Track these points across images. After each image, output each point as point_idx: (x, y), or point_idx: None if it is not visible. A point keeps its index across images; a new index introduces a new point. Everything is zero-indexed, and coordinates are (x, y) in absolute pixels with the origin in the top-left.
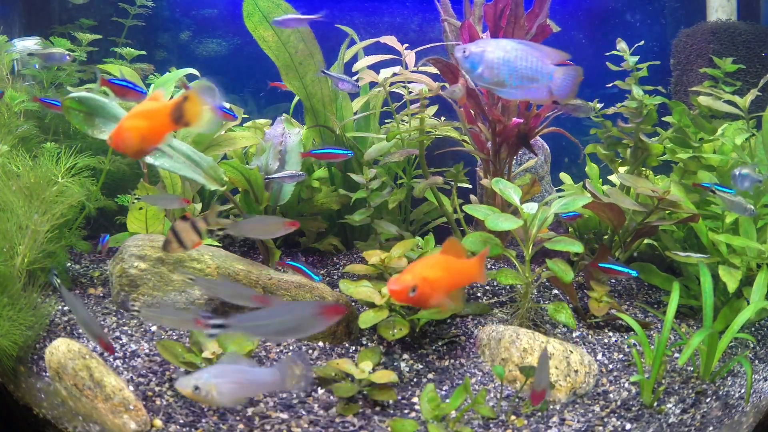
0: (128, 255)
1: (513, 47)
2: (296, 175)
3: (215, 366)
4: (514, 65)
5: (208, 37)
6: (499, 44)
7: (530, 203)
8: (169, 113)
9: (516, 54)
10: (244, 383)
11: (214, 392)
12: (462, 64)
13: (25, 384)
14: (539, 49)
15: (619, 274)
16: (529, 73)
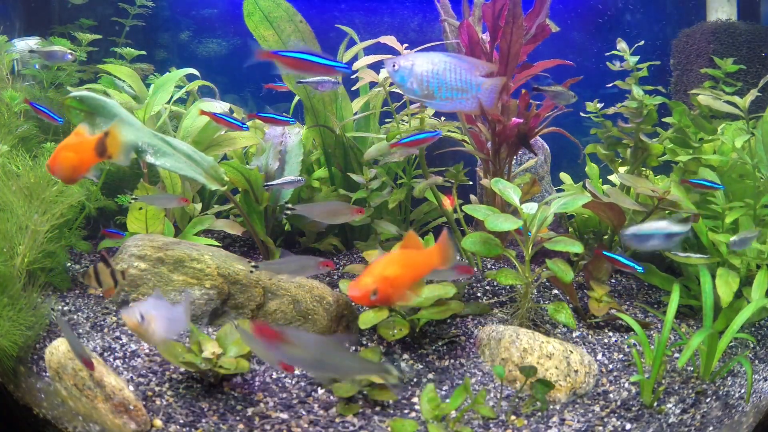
0: (128, 255)
1: (441, 60)
2: (295, 180)
3: (149, 301)
4: (443, 78)
5: (208, 37)
6: (428, 57)
7: (530, 203)
8: (93, 147)
9: (444, 66)
10: (171, 319)
11: (153, 324)
12: (392, 77)
13: (25, 384)
14: (467, 60)
15: (624, 267)
16: (458, 84)
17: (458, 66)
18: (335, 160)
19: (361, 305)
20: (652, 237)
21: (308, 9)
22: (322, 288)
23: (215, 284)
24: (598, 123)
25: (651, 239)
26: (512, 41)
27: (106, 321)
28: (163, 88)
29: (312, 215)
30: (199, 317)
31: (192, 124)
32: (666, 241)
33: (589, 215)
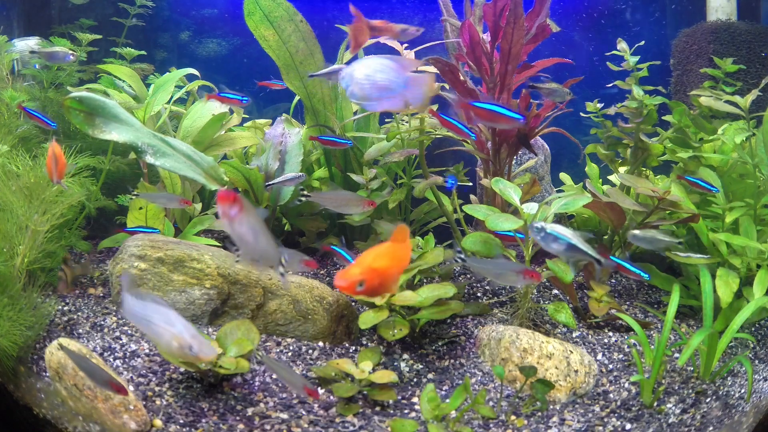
0: (128, 255)
1: (375, 62)
2: (296, 177)
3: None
4: (374, 79)
5: (208, 37)
6: (366, 61)
7: (530, 203)
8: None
9: (376, 68)
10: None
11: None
12: (341, 84)
13: (25, 384)
14: (397, 60)
15: (630, 273)
16: (386, 84)
17: (387, 66)
18: (335, 160)
19: (352, 297)
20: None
21: (308, 9)
22: (322, 288)
23: (215, 284)
24: (598, 123)
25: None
26: (513, 41)
27: (106, 321)
28: (163, 88)
29: (324, 203)
30: (199, 317)
31: (192, 124)
32: (567, 251)
33: (589, 215)
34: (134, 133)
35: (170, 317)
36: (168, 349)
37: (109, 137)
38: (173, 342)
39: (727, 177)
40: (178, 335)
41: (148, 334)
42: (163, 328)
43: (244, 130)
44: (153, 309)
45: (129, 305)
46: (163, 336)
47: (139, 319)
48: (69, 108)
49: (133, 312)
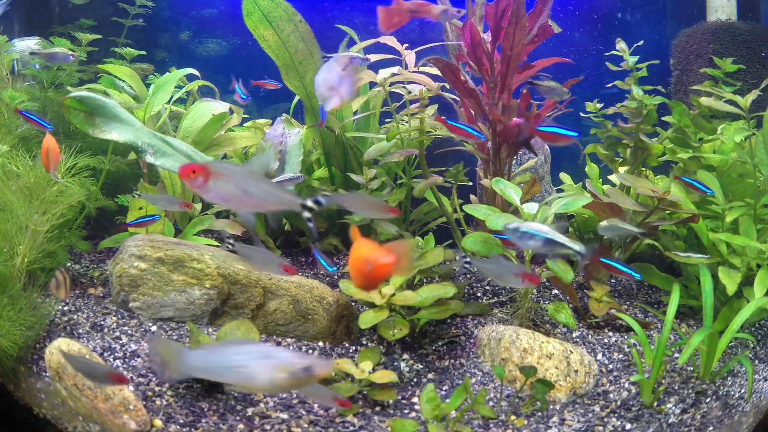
0: (128, 255)
1: (327, 65)
2: (294, 177)
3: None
4: (323, 79)
5: (208, 37)
6: (323, 66)
7: (530, 203)
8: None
9: (325, 70)
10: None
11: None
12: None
13: (25, 384)
14: (336, 58)
15: (621, 274)
16: (330, 83)
17: (330, 67)
18: (335, 160)
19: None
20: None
21: (308, 9)
22: (322, 288)
23: (215, 284)
24: (598, 123)
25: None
26: (515, 42)
27: (106, 321)
28: (163, 88)
29: (345, 205)
30: (199, 317)
31: (192, 124)
32: (544, 246)
33: (589, 215)
34: (134, 132)
35: (262, 350)
36: (271, 385)
37: (110, 137)
38: (279, 375)
39: (727, 177)
40: (284, 363)
41: (234, 381)
42: (258, 366)
43: (244, 130)
44: (234, 351)
45: (190, 361)
46: (262, 374)
47: (211, 370)
48: (69, 107)
49: (200, 366)
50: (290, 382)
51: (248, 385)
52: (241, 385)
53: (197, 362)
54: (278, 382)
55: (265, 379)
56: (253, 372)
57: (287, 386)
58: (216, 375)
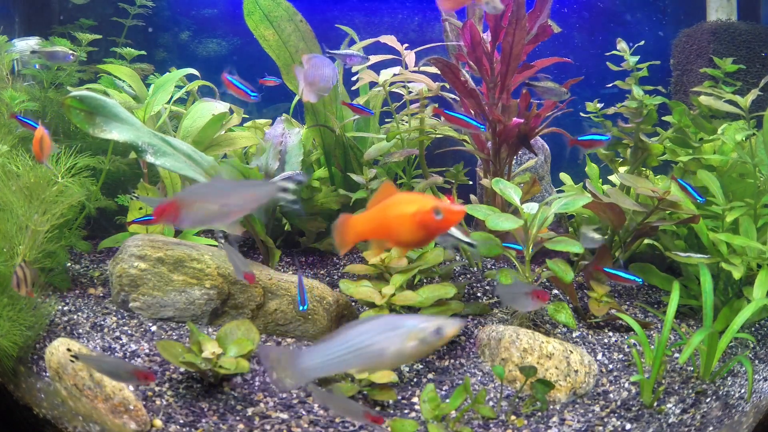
0: (128, 255)
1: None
2: (295, 175)
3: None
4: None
5: (208, 37)
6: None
7: (530, 203)
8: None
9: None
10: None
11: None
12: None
13: (25, 384)
14: (312, 56)
15: (625, 281)
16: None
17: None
18: (335, 160)
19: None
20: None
21: (308, 8)
22: (322, 288)
23: (215, 284)
24: (598, 123)
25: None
26: (515, 41)
27: (106, 321)
28: (163, 88)
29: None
30: (199, 317)
31: (192, 124)
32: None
33: (589, 215)
34: (134, 132)
35: (385, 322)
36: (400, 357)
37: (110, 136)
38: (409, 344)
39: (727, 177)
40: (413, 330)
41: (359, 365)
42: (385, 340)
43: (244, 130)
44: (355, 334)
45: (307, 363)
46: (390, 347)
47: (332, 363)
48: (69, 107)
49: (317, 365)
50: (421, 348)
51: (376, 364)
52: (368, 368)
53: (314, 361)
54: (409, 352)
55: (394, 352)
56: (381, 348)
57: (417, 354)
58: (339, 366)
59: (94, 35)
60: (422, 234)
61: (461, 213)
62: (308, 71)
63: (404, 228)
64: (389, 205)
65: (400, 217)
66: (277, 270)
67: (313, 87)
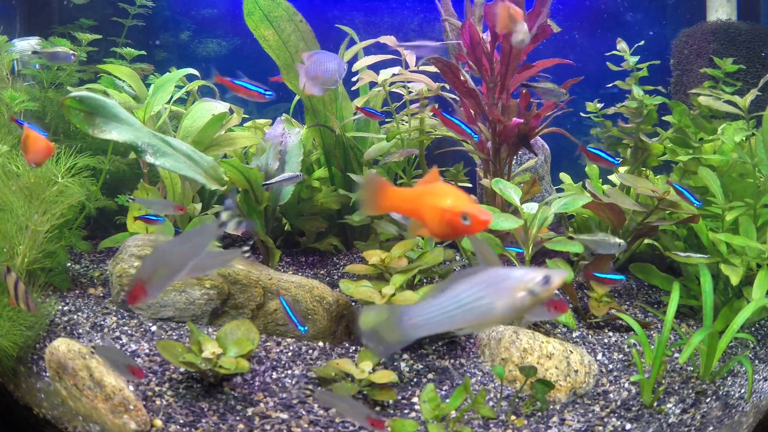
0: (128, 255)
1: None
2: (294, 176)
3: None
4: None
5: (208, 37)
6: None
7: (530, 203)
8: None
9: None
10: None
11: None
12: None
13: (25, 384)
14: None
15: (613, 282)
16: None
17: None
18: (335, 160)
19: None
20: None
21: (308, 9)
22: (322, 288)
23: (215, 284)
24: (598, 123)
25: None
26: None
27: (106, 321)
28: (163, 88)
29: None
30: (199, 317)
31: (192, 124)
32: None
33: (589, 215)
34: (134, 132)
35: (493, 275)
36: (510, 310)
37: (109, 137)
38: (518, 295)
39: (727, 177)
40: (522, 281)
41: (467, 321)
42: (494, 294)
43: (244, 130)
44: (463, 288)
45: (411, 320)
46: (500, 300)
47: (439, 321)
48: (69, 107)
49: (423, 323)
50: (530, 300)
51: (484, 320)
52: (475, 324)
53: (421, 318)
54: (518, 305)
55: (504, 305)
56: (490, 302)
57: (526, 308)
58: (445, 324)
59: (94, 35)
60: (446, 231)
61: (487, 222)
62: (310, 66)
63: (432, 219)
64: (428, 192)
65: (432, 208)
66: (277, 270)
67: (316, 81)
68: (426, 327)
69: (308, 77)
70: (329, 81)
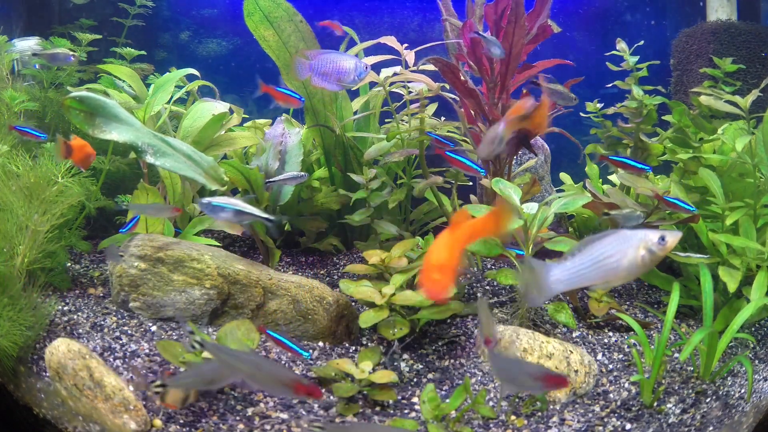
0: (128, 255)
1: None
2: (297, 176)
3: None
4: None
5: (208, 37)
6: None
7: (530, 203)
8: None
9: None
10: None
11: None
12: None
13: (25, 384)
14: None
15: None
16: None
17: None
18: (335, 160)
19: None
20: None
21: (308, 9)
22: (322, 288)
23: (215, 284)
24: (598, 123)
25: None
26: (514, 41)
27: (106, 321)
28: (163, 88)
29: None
30: (199, 317)
31: (192, 124)
32: (235, 216)
33: (589, 215)
34: (134, 132)
35: (623, 236)
36: (634, 268)
37: (109, 137)
38: (641, 253)
39: (727, 177)
40: (644, 240)
41: (599, 278)
42: (622, 251)
43: (244, 130)
44: (598, 247)
45: (555, 276)
46: (626, 258)
47: (576, 277)
48: (69, 108)
49: (565, 278)
50: (650, 258)
51: (612, 276)
52: (605, 280)
53: (562, 275)
54: (640, 262)
55: (629, 262)
56: (618, 259)
57: (646, 266)
58: (581, 280)
59: (94, 35)
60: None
61: (436, 298)
62: (320, 63)
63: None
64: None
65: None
66: (277, 270)
67: (330, 78)
68: (566, 282)
69: (317, 73)
70: (345, 80)
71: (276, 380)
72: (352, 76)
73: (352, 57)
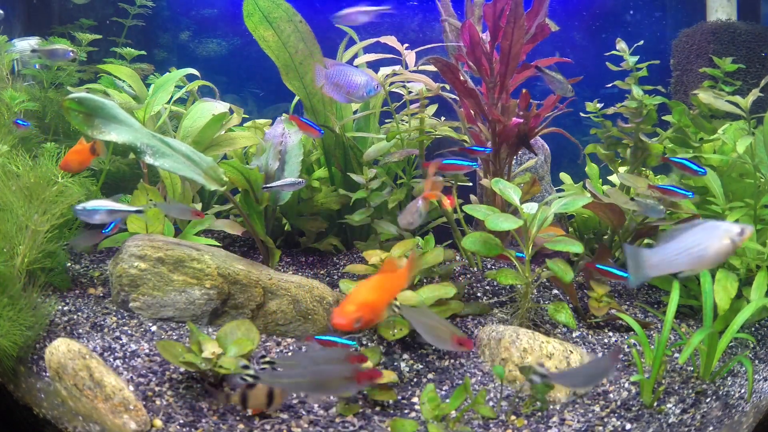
0: (128, 255)
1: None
2: (295, 182)
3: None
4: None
5: (208, 37)
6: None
7: (530, 203)
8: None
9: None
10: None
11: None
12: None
13: (25, 384)
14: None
15: (615, 278)
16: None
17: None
18: (335, 160)
19: (346, 330)
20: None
21: (308, 9)
22: (322, 288)
23: (215, 284)
24: (598, 123)
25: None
26: (513, 41)
27: (106, 321)
28: (163, 88)
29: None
30: (199, 317)
31: (192, 125)
32: (109, 216)
33: (589, 215)
34: (133, 133)
35: (709, 225)
36: (717, 256)
37: (108, 138)
38: (724, 242)
39: (727, 177)
40: (727, 231)
41: (687, 264)
42: (708, 240)
43: (244, 130)
44: (689, 235)
45: (650, 261)
46: (712, 246)
47: (667, 262)
48: (68, 109)
49: (657, 263)
50: (731, 248)
51: (700, 263)
52: (693, 266)
53: (656, 260)
54: (724, 250)
55: (715, 250)
56: (705, 247)
57: (728, 254)
58: (671, 266)
59: (94, 35)
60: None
61: (343, 326)
62: (333, 74)
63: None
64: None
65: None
66: (277, 270)
67: (341, 90)
68: (659, 267)
69: (330, 83)
70: (357, 95)
71: (337, 378)
72: (362, 92)
73: (365, 73)
